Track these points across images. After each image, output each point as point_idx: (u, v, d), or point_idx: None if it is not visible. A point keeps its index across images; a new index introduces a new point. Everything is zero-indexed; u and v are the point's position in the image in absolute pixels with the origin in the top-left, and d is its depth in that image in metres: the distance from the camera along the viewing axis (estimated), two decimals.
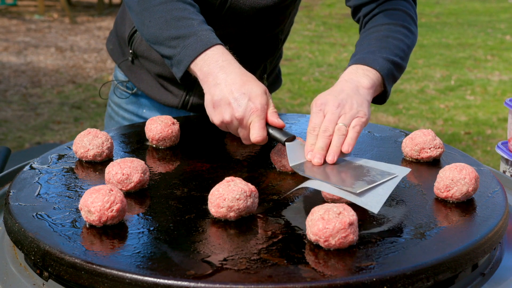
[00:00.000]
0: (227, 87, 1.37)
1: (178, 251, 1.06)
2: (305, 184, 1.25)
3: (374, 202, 1.18)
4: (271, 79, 1.97)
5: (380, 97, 1.53)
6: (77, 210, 1.20)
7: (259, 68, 1.85)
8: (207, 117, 1.80)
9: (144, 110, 1.91)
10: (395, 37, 1.56)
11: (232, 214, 1.16)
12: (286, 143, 1.35)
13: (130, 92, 1.91)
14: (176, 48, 1.44)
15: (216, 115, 1.40)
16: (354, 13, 1.72)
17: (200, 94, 1.80)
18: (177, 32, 1.44)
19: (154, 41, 1.49)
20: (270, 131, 1.38)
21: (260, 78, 1.86)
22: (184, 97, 1.83)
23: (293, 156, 1.34)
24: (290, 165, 1.33)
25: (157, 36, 1.47)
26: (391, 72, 1.50)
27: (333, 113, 1.37)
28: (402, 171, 1.29)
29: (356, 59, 1.50)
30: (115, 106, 1.97)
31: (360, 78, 1.45)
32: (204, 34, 1.43)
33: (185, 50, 1.42)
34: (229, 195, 1.15)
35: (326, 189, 1.22)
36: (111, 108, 1.99)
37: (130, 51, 1.84)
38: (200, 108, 1.83)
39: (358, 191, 1.19)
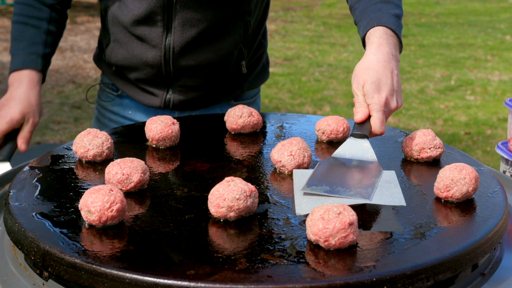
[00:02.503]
0: None
1: (178, 251, 1.06)
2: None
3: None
4: (257, 70, 1.97)
5: None
6: (77, 210, 1.20)
7: (233, 55, 1.84)
8: (207, 117, 1.81)
9: (130, 112, 1.94)
10: None
11: (232, 214, 1.16)
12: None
13: (115, 94, 1.95)
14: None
15: None
16: None
17: (180, 90, 1.84)
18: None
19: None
20: None
21: (238, 65, 1.88)
22: (165, 96, 1.85)
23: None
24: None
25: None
26: (401, 26, 1.57)
27: (391, 110, 1.44)
28: (399, 201, 1.23)
29: (382, 22, 1.54)
30: (101, 109, 2.00)
31: (396, 52, 1.51)
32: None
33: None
34: (229, 195, 1.15)
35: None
36: (98, 110, 2.03)
37: (106, 61, 1.89)
38: (183, 105, 1.86)
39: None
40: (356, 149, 1.38)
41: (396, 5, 1.59)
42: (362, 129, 1.40)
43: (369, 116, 1.42)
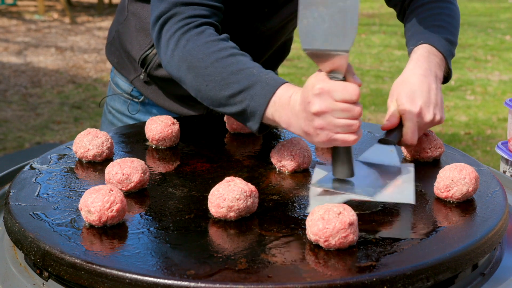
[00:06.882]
0: (298, 130, 1.30)
1: (178, 251, 1.06)
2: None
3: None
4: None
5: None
6: (77, 210, 1.20)
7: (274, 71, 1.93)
8: (207, 117, 1.81)
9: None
10: (447, 14, 1.59)
11: (232, 214, 1.16)
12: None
13: (137, 101, 1.84)
14: (244, 101, 1.33)
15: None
16: None
17: None
18: (239, 86, 1.33)
19: (217, 104, 1.38)
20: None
21: None
22: (207, 110, 1.82)
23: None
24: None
25: (220, 98, 1.36)
26: (451, 52, 1.55)
27: (426, 122, 1.43)
28: (407, 199, 1.24)
29: (429, 41, 1.51)
30: (118, 113, 1.89)
31: (436, 69, 1.48)
32: (268, 77, 1.33)
33: (255, 100, 1.32)
34: (229, 195, 1.15)
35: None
36: (112, 115, 1.91)
37: (143, 73, 1.77)
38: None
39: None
40: (382, 154, 1.39)
41: (450, 32, 1.56)
42: (389, 136, 1.41)
43: (400, 125, 1.43)
